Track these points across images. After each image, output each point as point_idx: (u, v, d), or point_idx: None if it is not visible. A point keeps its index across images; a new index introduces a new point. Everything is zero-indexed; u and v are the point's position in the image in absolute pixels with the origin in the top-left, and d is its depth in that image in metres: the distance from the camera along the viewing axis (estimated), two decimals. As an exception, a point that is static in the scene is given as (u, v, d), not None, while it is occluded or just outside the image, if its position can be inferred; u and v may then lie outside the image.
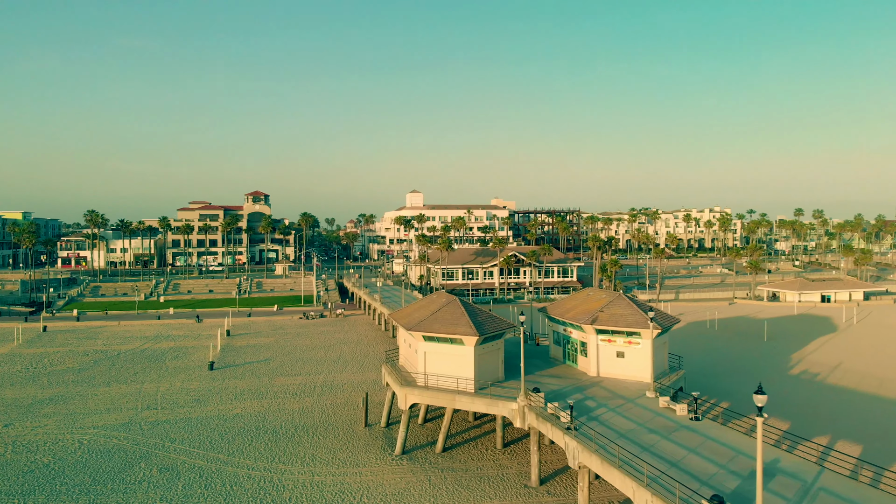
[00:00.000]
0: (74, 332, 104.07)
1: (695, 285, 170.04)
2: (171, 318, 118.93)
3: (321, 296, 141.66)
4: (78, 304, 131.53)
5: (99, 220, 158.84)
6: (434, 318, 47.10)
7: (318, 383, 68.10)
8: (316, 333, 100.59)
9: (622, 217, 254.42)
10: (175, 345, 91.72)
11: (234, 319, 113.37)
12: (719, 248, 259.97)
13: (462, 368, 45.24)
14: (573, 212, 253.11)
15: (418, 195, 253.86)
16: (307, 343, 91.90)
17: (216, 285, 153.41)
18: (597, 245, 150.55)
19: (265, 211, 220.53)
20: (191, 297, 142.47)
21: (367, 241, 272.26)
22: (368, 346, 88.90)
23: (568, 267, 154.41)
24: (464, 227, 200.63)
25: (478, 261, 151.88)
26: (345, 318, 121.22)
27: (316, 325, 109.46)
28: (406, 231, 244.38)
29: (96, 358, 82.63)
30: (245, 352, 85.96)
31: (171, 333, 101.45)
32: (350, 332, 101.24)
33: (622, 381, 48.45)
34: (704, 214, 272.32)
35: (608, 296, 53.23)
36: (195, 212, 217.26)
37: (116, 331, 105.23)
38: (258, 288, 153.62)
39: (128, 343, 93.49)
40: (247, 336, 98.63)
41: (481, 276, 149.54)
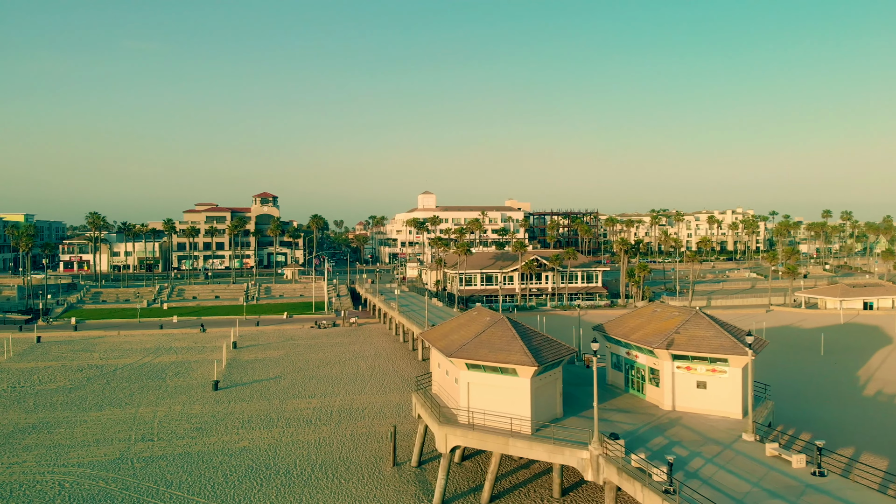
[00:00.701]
0: (70, 343, 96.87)
1: (724, 291, 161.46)
2: (174, 326, 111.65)
3: (333, 302, 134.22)
4: (77, 312, 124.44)
5: (101, 222, 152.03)
6: (479, 341, 39.21)
7: (335, 407, 60.38)
8: (329, 345, 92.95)
9: (642, 219, 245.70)
10: (177, 359, 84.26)
11: (241, 329, 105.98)
12: (743, 252, 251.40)
13: (515, 404, 37.34)
14: (591, 213, 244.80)
15: (430, 196, 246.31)
16: (320, 357, 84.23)
17: (222, 291, 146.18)
18: (624, 248, 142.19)
19: (273, 213, 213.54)
20: (196, 303, 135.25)
21: (377, 243, 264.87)
22: (387, 361, 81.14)
23: (592, 272, 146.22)
24: (479, 229, 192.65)
25: (497, 265, 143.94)
26: (359, 326, 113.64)
27: (329, 336, 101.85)
28: (418, 233, 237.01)
29: (90, 374, 75.24)
30: (253, 367, 78.39)
31: (174, 345, 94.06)
32: (366, 345, 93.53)
33: (704, 416, 40.45)
34: (727, 216, 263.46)
35: (681, 313, 45.17)
36: (201, 214, 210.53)
37: (115, 342, 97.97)
38: (266, 294, 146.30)
39: (126, 356, 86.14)
40: (255, 349, 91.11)
41: (500, 281, 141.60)
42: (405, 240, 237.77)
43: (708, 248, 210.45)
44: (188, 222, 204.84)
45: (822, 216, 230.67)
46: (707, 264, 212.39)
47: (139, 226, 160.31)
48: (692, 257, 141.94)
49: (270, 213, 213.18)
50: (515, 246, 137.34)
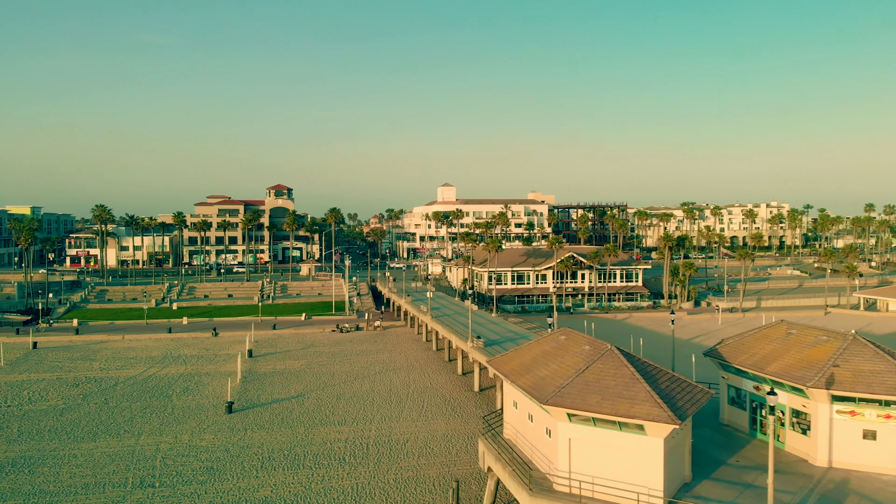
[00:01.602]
0: (70, 349, 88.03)
1: (771, 290, 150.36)
2: (183, 329, 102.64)
3: (353, 302, 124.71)
4: (80, 312, 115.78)
5: (106, 215, 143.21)
6: (584, 382, 29.20)
7: (371, 438, 50.71)
8: (355, 354, 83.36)
9: (672, 212, 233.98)
10: (186, 370, 75.01)
11: (256, 332, 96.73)
12: (779, 247, 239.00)
13: (639, 470, 27.37)
14: (619, 206, 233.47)
15: (451, 189, 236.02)
16: (347, 369, 74.62)
17: (236, 289, 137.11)
18: (668, 244, 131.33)
19: (288, 206, 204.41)
20: (207, 303, 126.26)
21: (394, 238, 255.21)
22: (423, 375, 71.39)
23: (632, 270, 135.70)
24: (505, 223, 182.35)
25: (529, 263, 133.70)
26: (384, 330, 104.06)
27: (353, 342, 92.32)
28: (438, 228, 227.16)
29: (87, 390, 66.11)
30: (272, 382, 68.95)
31: (183, 353, 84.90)
32: (395, 353, 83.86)
33: (875, 477, 30.32)
34: (762, 210, 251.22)
35: (833, 338, 34.81)
36: (213, 206, 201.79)
37: (119, 347, 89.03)
38: (282, 292, 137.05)
39: (129, 366, 77.04)
40: (273, 357, 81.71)
41: (533, 279, 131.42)
42: (424, 234, 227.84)
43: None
44: (199, 215, 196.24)
45: (865, 210, 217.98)
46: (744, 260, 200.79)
47: (147, 219, 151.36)
48: (745, 254, 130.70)
49: (285, 205, 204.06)
50: (551, 242, 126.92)
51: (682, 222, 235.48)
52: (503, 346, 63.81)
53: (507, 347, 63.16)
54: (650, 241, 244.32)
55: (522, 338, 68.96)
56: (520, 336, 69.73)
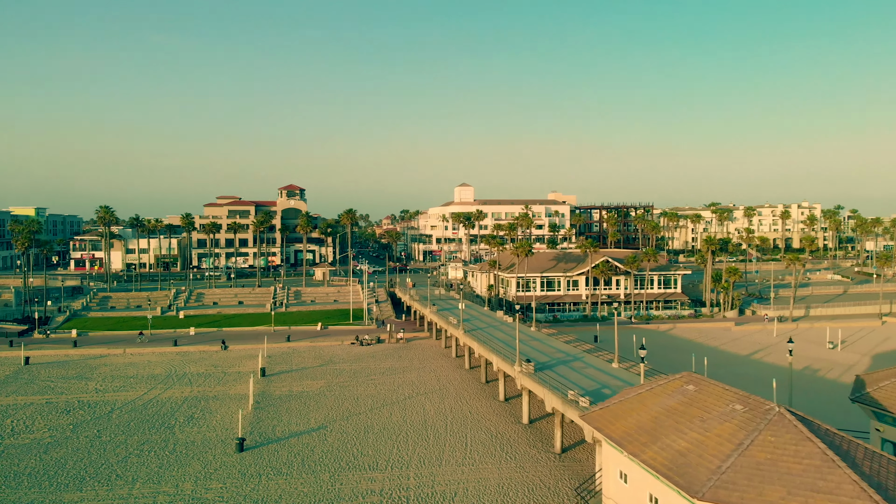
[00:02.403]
0: (65, 365, 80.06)
1: (815, 297, 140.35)
2: (190, 340, 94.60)
3: (372, 310, 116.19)
4: (80, 322, 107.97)
5: (110, 217, 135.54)
6: (752, 464, 20.55)
7: (410, 490, 42.00)
8: (379, 372, 74.77)
9: (700, 213, 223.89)
10: (191, 392, 66.70)
11: (269, 345, 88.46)
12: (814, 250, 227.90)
13: None
14: (644, 207, 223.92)
15: (468, 189, 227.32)
16: (372, 392, 66.02)
17: (247, 295, 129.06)
18: (711, 248, 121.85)
19: (301, 207, 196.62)
20: (217, 311, 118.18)
21: (409, 240, 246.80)
22: (459, 401, 62.67)
23: (671, 275, 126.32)
24: (530, 224, 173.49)
25: (559, 267, 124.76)
26: (407, 343, 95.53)
27: (375, 357, 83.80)
28: (455, 229, 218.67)
29: (79, 419, 57.90)
30: (288, 408, 60.49)
31: (189, 370, 76.67)
32: (424, 372, 75.21)
33: None
34: (793, 211, 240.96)
35: None
36: (223, 208, 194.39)
37: (119, 363, 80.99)
38: (296, 298, 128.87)
39: (129, 387, 68.84)
40: (288, 377, 73.28)
41: (564, 286, 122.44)
42: (441, 236, 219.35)
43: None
44: (209, 217, 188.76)
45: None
46: (779, 263, 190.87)
47: (153, 221, 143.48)
48: (795, 257, 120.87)
49: (298, 206, 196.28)
50: (585, 245, 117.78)
51: (710, 224, 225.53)
52: (556, 371, 55.06)
53: (561, 373, 54.42)
54: (676, 244, 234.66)
55: (576, 359, 60.13)
56: (573, 357, 60.87)
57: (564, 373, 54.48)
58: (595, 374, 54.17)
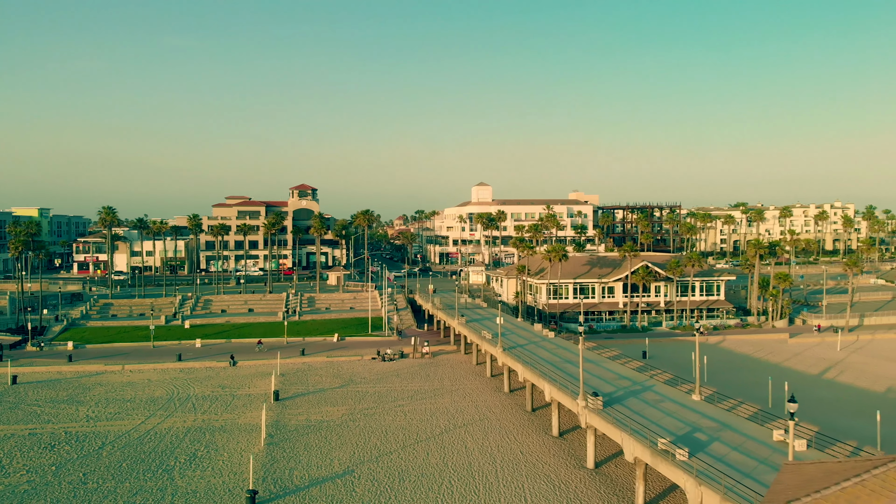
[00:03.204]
0: (57, 385, 71.93)
1: (864, 304, 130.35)
2: (196, 354, 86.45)
3: (392, 319, 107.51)
4: (78, 332, 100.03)
5: (113, 219, 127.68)
6: None
7: (465, 565, 33.23)
8: (407, 397, 66.05)
9: (732, 214, 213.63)
10: (195, 421, 58.23)
11: (283, 360, 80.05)
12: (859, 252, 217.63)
13: None
14: (671, 207, 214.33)
15: (486, 188, 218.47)
16: (402, 423, 57.25)
17: (257, 302, 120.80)
18: (758, 251, 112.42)
19: (313, 207, 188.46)
20: (225, 319, 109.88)
21: (424, 241, 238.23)
22: (505, 435, 53.79)
23: (713, 281, 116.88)
24: (555, 225, 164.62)
25: (593, 273, 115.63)
26: (433, 357, 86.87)
27: (399, 376, 75.14)
28: (473, 231, 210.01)
29: (64, 458, 49.52)
30: (307, 445, 51.87)
31: (193, 392, 68.30)
32: (459, 396, 66.42)
33: None
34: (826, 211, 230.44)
35: None
36: (232, 208, 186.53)
37: (116, 383, 72.78)
38: (310, 305, 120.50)
39: (124, 414, 60.53)
40: (304, 401, 64.69)
41: (599, 293, 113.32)
42: (458, 237, 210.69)
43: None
44: (217, 218, 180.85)
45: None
46: (816, 266, 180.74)
47: (157, 223, 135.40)
48: (853, 261, 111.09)
49: (310, 207, 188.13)
50: (624, 249, 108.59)
51: (740, 224, 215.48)
52: (626, 405, 46.16)
53: (634, 407, 45.51)
54: (704, 246, 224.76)
55: (645, 388, 51.17)
56: (641, 386, 51.90)
57: (637, 407, 45.55)
58: (675, 409, 45.22)
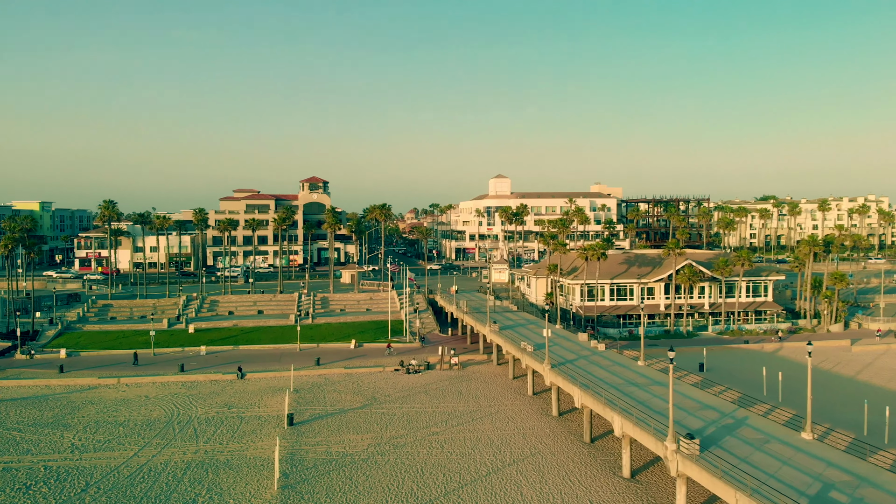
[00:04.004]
0: (42, 403, 63.77)
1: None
2: (200, 363, 78.26)
3: (413, 323, 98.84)
4: (73, 337, 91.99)
5: (113, 213, 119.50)
6: None
7: None
8: (440, 420, 57.35)
9: (765, 208, 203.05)
10: (196, 454, 49.72)
11: (296, 372, 71.65)
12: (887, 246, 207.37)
13: None
14: (699, 200, 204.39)
15: (504, 180, 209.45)
16: (440, 458, 48.49)
17: (267, 303, 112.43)
18: (812, 249, 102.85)
19: (324, 201, 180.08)
20: (232, 322, 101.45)
21: (439, 236, 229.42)
22: (566, 477, 44.96)
23: (760, 281, 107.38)
24: (583, 219, 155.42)
25: (632, 273, 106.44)
26: (462, 369, 78.17)
27: (428, 392, 66.49)
28: (490, 225, 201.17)
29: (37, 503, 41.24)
30: (328, 486, 43.29)
31: (195, 413, 59.88)
32: (500, 419, 57.67)
33: None
34: (858, 205, 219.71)
35: None
36: (241, 202, 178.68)
37: (110, 399, 64.55)
38: (323, 307, 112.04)
39: (115, 443, 52.16)
40: (323, 426, 56.10)
41: (637, 294, 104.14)
42: (475, 232, 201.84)
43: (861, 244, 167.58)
44: (225, 212, 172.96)
45: None
46: (855, 264, 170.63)
47: (160, 218, 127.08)
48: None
49: (321, 200, 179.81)
50: (669, 247, 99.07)
51: (771, 218, 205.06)
52: (725, 448, 37.26)
53: (736, 450, 36.62)
54: (733, 241, 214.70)
55: (740, 423, 42.21)
56: (733, 419, 42.86)
57: (741, 451, 36.62)
58: (790, 454, 36.27)
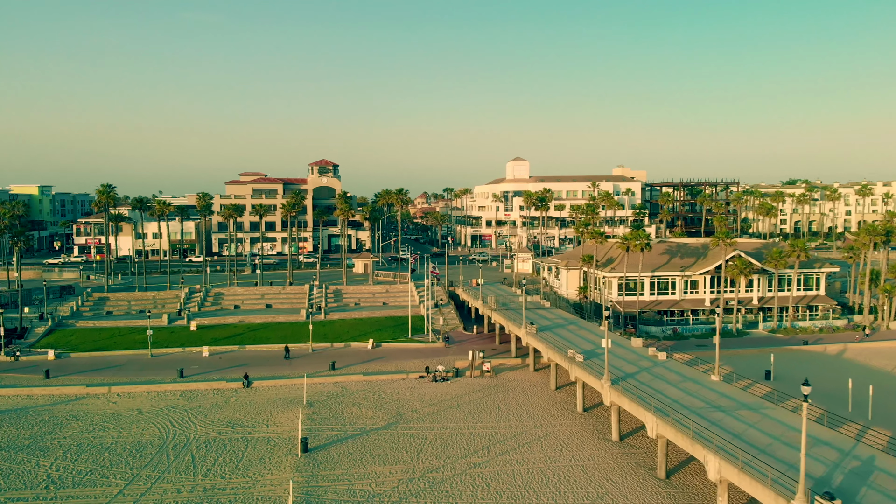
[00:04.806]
0: (21, 418, 55.76)
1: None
2: (203, 367, 70.20)
3: (433, 318, 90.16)
4: (64, 335, 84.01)
5: (110, 198, 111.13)
6: None
7: None
8: (479, 445, 48.90)
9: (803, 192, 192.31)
10: (192, 492, 41.44)
11: (310, 380, 63.44)
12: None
13: None
14: (727, 184, 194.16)
15: (523, 163, 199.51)
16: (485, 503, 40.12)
17: (275, 296, 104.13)
18: (873, 238, 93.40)
19: (334, 185, 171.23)
20: (238, 318, 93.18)
21: (453, 222, 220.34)
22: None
23: (812, 273, 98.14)
24: (614, 205, 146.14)
25: (674, 264, 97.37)
26: (494, 375, 69.68)
27: (461, 406, 58.08)
28: (507, 211, 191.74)
29: (-7, 565, 33.19)
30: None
31: (193, 433, 51.67)
32: (553, 446, 49.13)
33: None
34: (893, 188, 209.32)
35: None
36: (247, 185, 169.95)
37: (98, 414, 56.51)
38: (336, 300, 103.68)
39: (97, 475, 44.00)
40: (343, 453, 47.71)
41: (680, 288, 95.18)
42: (491, 217, 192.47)
43: None
44: (230, 196, 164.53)
45: None
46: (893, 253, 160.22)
47: (161, 203, 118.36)
48: None
49: (331, 185, 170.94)
50: (719, 236, 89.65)
51: (808, 203, 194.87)
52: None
53: None
54: (761, 227, 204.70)
55: (875, 466, 33.32)
56: (863, 462, 33.96)
57: None
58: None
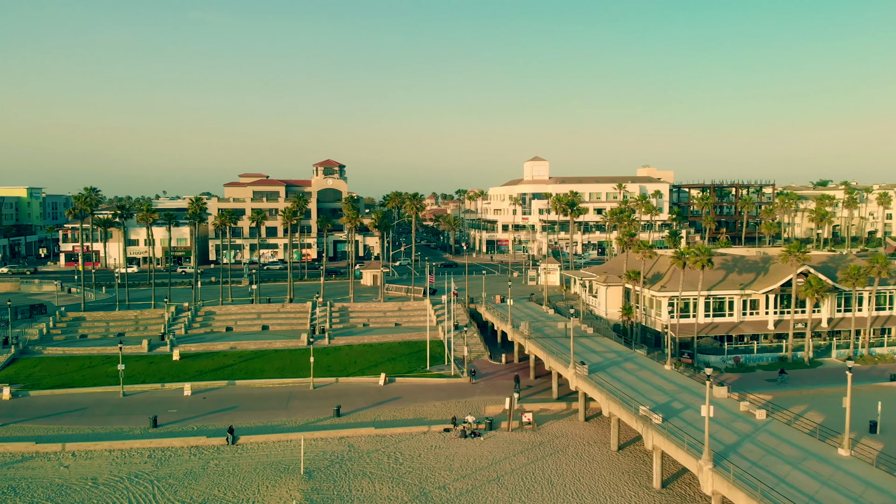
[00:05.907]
0: (-59, 492, 43.86)
1: None
2: (181, 412, 58.16)
3: (453, 344, 77.75)
4: (28, 365, 72.10)
5: (91, 203, 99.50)
6: None
7: None
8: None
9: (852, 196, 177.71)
10: None
11: (309, 435, 51.39)
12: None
13: None
14: (761, 185, 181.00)
15: (542, 163, 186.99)
16: None
17: (273, 315, 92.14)
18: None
19: (340, 187, 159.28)
20: (230, 345, 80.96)
21: (466, 226, 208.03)
22: None
23: (887, 291, 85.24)
24: (651, 209, 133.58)
25: (731, 281, 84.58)
26: (537, 427, 57.15)
27: (501, 481, 45.74)
28: (525, 214, 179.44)
29: None
30: None
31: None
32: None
33: None
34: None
35: None
36: (247, 188, 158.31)
37: (44, 483, 44.51)
38: (341, 320, 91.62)
39: None
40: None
41: (738, 308, 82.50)
42: (508, 222, 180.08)
43: None
44: (229, 199, 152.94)
45: None
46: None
47: (145, 209, 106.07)
48: None
49: (336, 187, 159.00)
50: (789, 250, 76.55)
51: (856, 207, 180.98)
52: None
53: None
54: (797, 232, 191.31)
55: None
56: None
57: None
58: None
